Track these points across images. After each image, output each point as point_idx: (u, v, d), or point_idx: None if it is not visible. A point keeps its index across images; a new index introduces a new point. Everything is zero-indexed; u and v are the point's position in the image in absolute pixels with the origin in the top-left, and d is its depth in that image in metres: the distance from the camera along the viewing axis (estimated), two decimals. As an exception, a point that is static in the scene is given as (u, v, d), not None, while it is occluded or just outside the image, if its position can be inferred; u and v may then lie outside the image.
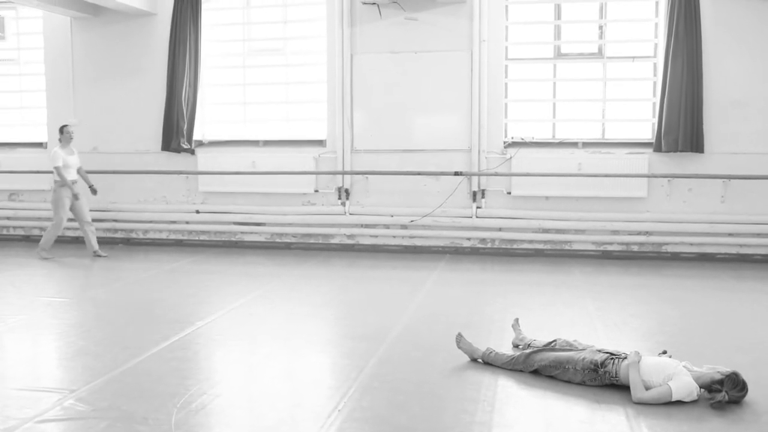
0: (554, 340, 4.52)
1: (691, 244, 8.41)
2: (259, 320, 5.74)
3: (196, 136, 9.38)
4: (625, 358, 4.03)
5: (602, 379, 4.04)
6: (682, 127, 8.07)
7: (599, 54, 8.58)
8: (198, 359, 4.81)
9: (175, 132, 9.19)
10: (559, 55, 8.69)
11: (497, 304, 6.20)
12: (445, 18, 8.63)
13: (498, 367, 4.41)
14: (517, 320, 5.06)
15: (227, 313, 5.86)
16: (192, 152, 9.29)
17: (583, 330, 5.26)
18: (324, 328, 5.69)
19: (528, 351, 4.41)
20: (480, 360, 4.53)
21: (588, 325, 5.47)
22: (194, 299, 6.42)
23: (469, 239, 8.85)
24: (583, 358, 4.12)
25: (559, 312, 5.93)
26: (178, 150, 9.23)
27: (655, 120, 8.37)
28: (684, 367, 3.93)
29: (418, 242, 8.95)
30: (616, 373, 4.00)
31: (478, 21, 8.52)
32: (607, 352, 4.14)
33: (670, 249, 8.47)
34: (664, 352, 4.27)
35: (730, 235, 8.27)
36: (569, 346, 4.38)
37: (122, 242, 9.71)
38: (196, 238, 9.57)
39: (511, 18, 8.75)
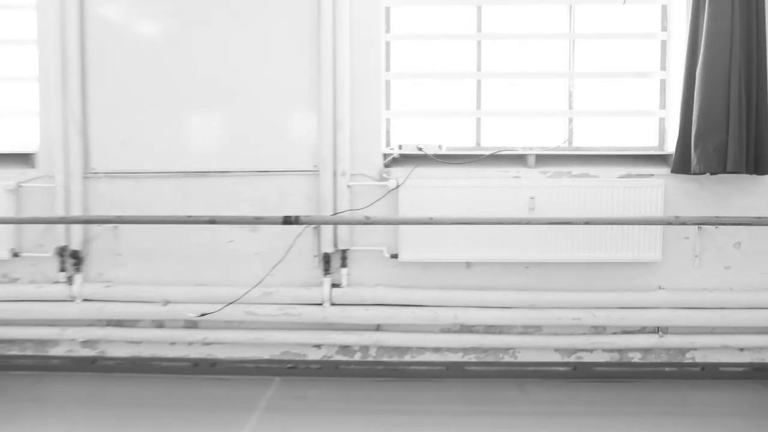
0: None
1: (742, 350, 4.46)
2: None
3: None
4: None
5: None
6: (732, 128, 4.07)
7: (561, -13, 4.51)
8: None
9: None
10: (485, -11, 4.57)
11: None
12: None
13: None
14: None
15: None
16: None
17: None
18: None
19: None
20: None
21: None
22: None
23: (318, 346, 4.58)
24: None
25: None
26: None
27: (672, 111, 4.38)
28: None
29: (219, 353, 4.62)
30: None
31: None
32: None
33: (701, 358, 4.50)
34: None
35: (818, 333, 4.33)
36: None
37: None
38: None
39: None
